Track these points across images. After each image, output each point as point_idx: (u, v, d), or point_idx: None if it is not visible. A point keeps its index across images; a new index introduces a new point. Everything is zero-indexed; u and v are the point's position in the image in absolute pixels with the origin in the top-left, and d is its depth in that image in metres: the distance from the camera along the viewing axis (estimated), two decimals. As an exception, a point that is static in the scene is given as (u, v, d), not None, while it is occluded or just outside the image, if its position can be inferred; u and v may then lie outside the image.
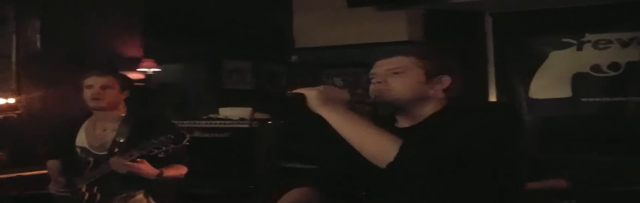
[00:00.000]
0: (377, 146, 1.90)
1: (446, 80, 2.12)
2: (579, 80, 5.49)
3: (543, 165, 4.49)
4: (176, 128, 3.44)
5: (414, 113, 2.13)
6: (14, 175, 4.49)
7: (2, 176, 4.44)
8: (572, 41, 5.53)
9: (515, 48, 5.76)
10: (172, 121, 3.78)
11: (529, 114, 5.72)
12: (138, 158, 3.25)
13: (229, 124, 5.55)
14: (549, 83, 5.57)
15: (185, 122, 5.48)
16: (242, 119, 5.55)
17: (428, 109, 2.12)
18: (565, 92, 5.48)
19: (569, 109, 5.47)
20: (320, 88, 2.01)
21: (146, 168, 3.29)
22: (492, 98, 5.92)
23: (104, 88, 3.46)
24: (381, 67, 2.15)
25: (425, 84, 2.10)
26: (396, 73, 2.11)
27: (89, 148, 3.54)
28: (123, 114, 3.58)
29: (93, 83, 3.46)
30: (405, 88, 2.09)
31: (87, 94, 3.49)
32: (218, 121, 5.58)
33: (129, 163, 3.22)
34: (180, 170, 3.54)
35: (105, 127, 3.56)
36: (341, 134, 1.94)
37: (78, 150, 3.57)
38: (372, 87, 2.14)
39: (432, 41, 6.34)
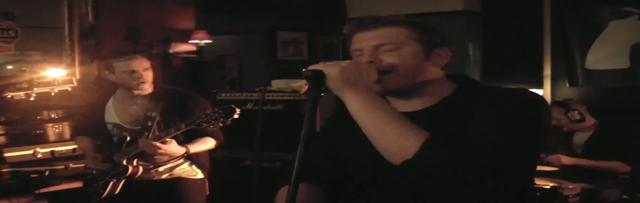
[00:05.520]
0: (398, 139, 1.58)
1: (446, 53, 1.81)
2: (638, 51, 5.30)
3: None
4: (208, 105, 3.56)
5: (415, 95, 1.81)
6: (70, 148, 4.62)
7: (61, 149, 4.57)
8: (634, 9, 5.33)
9: (574, 17, 5.58)
10: (202, 97, 3.78)
11: (585, 85, 5.56)
12: (183, 131, 3.31)
13: (282, 96, 5.54)
14: (607, 53, 5.40)
15: (237, 94, 5.48)
16: (294, 91, 5.52)
17: (434, 90, 1.80)
18: (623, 63, 5.30)
19: (627, 80, 5.30)
20: (344, 64, 1.65)
21: (173, 149, 3.39)
22: (547, 69, 5.79)
23: (146, 70, 3.50)
24: (367, 41, 1.79)
25: (425, 61, 1.78)
26: (390, 50, 1.76)
27: (122, 124, 3.62)
28: (151, 90, 3.61)
29: (136, 68, 3.48)
30: (407, 68, 1.75)
31: (131, 78, 3.50)
32: (270, 93, 5.57)
33: (157, 144, 3.30)
34: (208, 144, 3.62)
35: (135, 103, 3.61)
36: (360, 122, 1.64)
37: (110, 126, 3.64)
38: None
39: (489, 11, 6.22)
